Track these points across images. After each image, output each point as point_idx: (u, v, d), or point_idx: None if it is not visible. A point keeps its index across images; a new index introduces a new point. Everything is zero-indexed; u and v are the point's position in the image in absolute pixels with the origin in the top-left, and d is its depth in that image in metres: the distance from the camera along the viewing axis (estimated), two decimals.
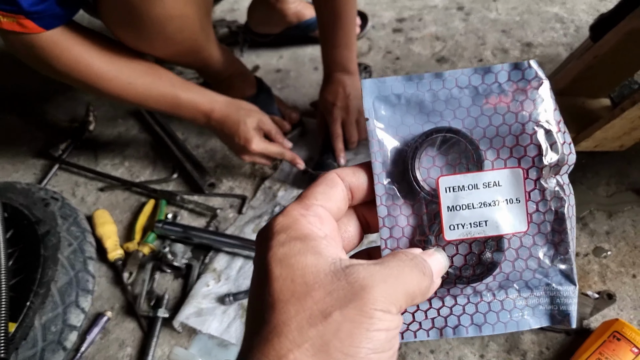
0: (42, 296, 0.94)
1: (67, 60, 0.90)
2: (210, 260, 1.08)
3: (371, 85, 0.35)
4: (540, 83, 0.34)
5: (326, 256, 0.30)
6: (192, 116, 1.06)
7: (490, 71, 0.34)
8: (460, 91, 0.35)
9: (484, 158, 0.34)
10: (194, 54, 1.09)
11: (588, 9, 1.47)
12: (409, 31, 1.53)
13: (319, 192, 0.34)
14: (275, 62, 1.52)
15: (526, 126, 0.34)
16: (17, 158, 1.39)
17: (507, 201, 0.34)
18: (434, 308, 0.35)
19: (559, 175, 0.35)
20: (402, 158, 0.35)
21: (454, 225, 0.34)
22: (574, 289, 0.35)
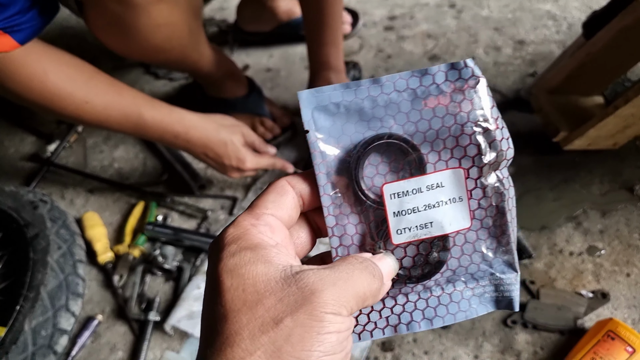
0: (32, 300, 0.93)
1: (19, 78, 0.82)
2: (201, 263, 1.07)
3: (308, 96, 0.35)
4: (477, 81, 0.34)
5: (276, 264, 0.30)
6: (159, 137, 0.97)
7: (428, 73, 0.34)
8: (399, 95, 0.35)
9: (426, 161, 0.35)
10: (184, 59, 1.07)
11: (580, 6, 1.47)
12: (400, 29, 1.52)
13: (270, 201, 0.34)
14: (266, 61, 1.51)
15: (465, 127, 0.34)
16: (5, 160, 1.37)
17: (450, 201, 0.35)
18: (387, 307, 0.36)
19: (498, 170, 0.35)
20: (345, 168, 0.35)
21: (400, 229, 0.35)
22: (515, 275, 0.36)
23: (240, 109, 1.24)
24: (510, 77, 1.32)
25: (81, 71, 0.89)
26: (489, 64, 1.37)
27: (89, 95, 0.88)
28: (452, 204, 0.35)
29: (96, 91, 0.89)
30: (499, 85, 1.30)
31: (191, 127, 0.97)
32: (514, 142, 0.36)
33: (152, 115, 0.93)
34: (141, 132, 0.95)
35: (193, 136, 0.98)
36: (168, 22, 0.91)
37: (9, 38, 0.76)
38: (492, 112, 0.34)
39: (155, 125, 0.94)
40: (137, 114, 0.92)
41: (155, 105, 0.95)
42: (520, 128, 1.19)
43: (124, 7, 0.82)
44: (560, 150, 1.03)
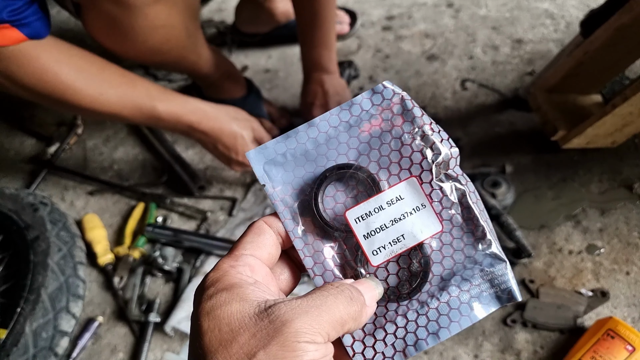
0: (33, 302, 0.93)
1: (33, 70, 0.81)
2: (201, 264, 1.07)
3: (256, 154, 0.37)
4: (400, 97, 0.37)
5: (251, 300, 0.30)
6: (173, 128, 0.98)
7: (354, 103, 0.37)
8: (335, 130, 0.37)
9: (378, 180, 0.37)
10: (182, 61, 1.07)
11: (578, 5, 1.47)
12: (398, 29, 1.52)
13: (248, 242, 0.35)
14: (264, 62, 1.51)
15: (403, 138, 0.37)
16: (5, 163, 1.37)
17: (414, 210, 0.36)
18: (390, 333, 0.36)
19: (450, 169, 0.37)
20: (307, 207, 0.37)
21: (375, 250, 0.36)
22: (505, 265, 0.36)
23: None
24: (508, 76, 1.32)
25: (92, 63, 0.89)
26: (487, 63, 1.37)
27: (102, 88, 0.88)
28: (418, 212, 0.36)
29: (109, 83, 0.89)
30: (497, 85, 1.30)
31: (204, 117, 0.98)
32: (512, 141, 0.37)
33: (166, 106, 0.94)
34: (155, 122, 0.96)
35: (206, 126, 0.99)
36: (165, 24, 0.91)
37: (17, 31, 0.76)
38: (423, 120, 0.37)
39: (169, 116, 0.95)
40: (151, 106, 0.93)
41: (169, 97, 0.96)
42: (518, 127, 1.19)
43: (120, 9, 0.83)
44: (558, 149, 1.03)
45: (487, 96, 1.29)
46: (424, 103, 1.30)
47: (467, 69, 1.36)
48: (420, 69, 1.39)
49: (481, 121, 1.23)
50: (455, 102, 1.29)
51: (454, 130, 1.22)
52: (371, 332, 0.36)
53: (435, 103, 1.30)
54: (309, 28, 1.11)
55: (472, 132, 1.21)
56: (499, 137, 1.18)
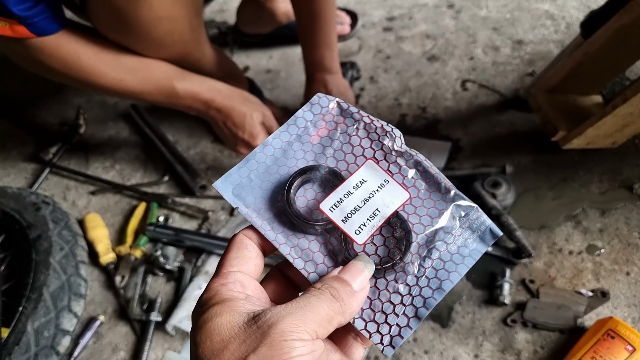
0: (35, 301, 0.93)
1: (56, 59, 0.90)
2: (202, 263, 1.07)
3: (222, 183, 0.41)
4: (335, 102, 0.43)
5: (242, 311, 0.32)
6: (189, 105, 1.04)
7: (297, 117, 0.42)
8: (288, 144, 0.42)
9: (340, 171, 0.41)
10: (185, 56, 1.07)
11: (579, 6, 1.47)
12: (399, 30, 1.53)
13: (233, 258, 0.37)
14: (266, 63, 1.52)
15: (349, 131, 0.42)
16: (8, 162, 1.38)
17: (380, 187, 0.40)
18: (398, 304, 0.37)
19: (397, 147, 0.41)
20: (282, 213, 0.40)
21: (357, 229, 0.38)
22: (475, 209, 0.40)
23: None
24: (508, 76, 1.33)
25: (109, 51, 0.95)
26: (487, 64, 1.37)
27: (121, 73, 0.96)
28: (384, 188, 0.39)
29: (127, 69, 0.96)
30: (498, 85, 1.31)
31: (219, 95, 1.04)
32: (513, 141, 0.39)
33: (184, 85, 1.01)
34: (174, 101, 1.02)
35: (219, 103, 1.04)
36: (169, 16, 0.92)
37: (24, 29, 0.83)
38: (361, 114, 0.42)
39: (187, 94, 1.01)
40: (170, 86, 1.00)
41: (186, 76, 1.02)
42: (519, 127, 1.20)
43: (125, 0, 0.84)
44: (559, 150, 1.04)
45: (488, 97, 1.29)
46: (425, 103, 1.31)
47: (467, 70, 1.37)
48: (421, 69, 1.40)
49: (482, 121, 1.23)
50: (456, 103, 1.29)
51: (455, 130, 1.22)
52: (380, 309, 0.37)
53: (435, 103, 1.30)
54: (310, 29, 1.12)
55: (473, 132, 1.21)
56: (499, 137, 1.19)
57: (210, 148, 1.30)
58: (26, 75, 0.95)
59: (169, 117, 1.38)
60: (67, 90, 1.51)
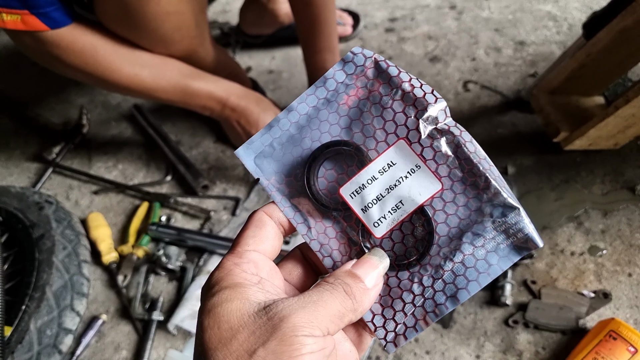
0: (38, 300, 0.94)
1: (72, 52, 0.90)
2: (204, 263, 1.07)
3: (244, 150, 0.37)
4: (372, 61, 0.36)
5: (252, 300, 0.31)
6: (204, 104, 1.04)
7: (327, 78, 0.36)
8: (315, 109, 0.37)
9: (367, 150, 0.35)
10: (191, 54, 1.08)
11: (581, 7, 1.47)
12: (401, 31, 1.53)
13: (250, 237, 0.35)
14: (268, 63, 1.52)
15: (382, 102, 0.35)
16: (11, 162, 1.38)
17: (409, 173, 0.35)
18: (408, 303, 0.35)
19: (440, 123, 0.35)
20: (302, 193, 0.36)
21: (376, 222, 0.35)
22: (517, 211, 0.34)
23: None
24: (511, 77, 1.33)
25: (124, 46, 0.96)
26: (489, 65, 1.37)
27: (136, 68, 0.96)
28: (413, 175, 0.35)
29: (142, 64, 0.97)
30: (500, 86, 1.31)
31: (234, 94, 1.05)
32: (515, 142, 0.37)
33: (199, 84, 1.02)
34: (187, 99, 1.03)
35: (234, 102, 1.05)
36: (177, 11, 0.92)
37: (37, 20, 0.83)
38: (401, 77, 0.35)
39: (202, 92, 1.02)
40: (184, 84, 1.00)
41: (201, 76, 1.04)
42: (521, 128, 1.20)
43: None
44: (561, 151, 1.04)
45: (490, 98, 1.29)
46: None
47: (469, 71, 1.37)
48: (422, 70, 1.40)
49: (483, 122, 1.23)
50: (458, 104, 1.29)
51: None
52: (389, 304, 0.35)
53: None
54: (310, 34, 1.12)
55: (475, 133, 1.21)
56: (501, 138, 1.19)
57: (212, 148, 1.31)
58: (29, 74, 0.95)
59: (171, 117, 1.39)
60: (70, 90, 1.52)
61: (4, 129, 1.47)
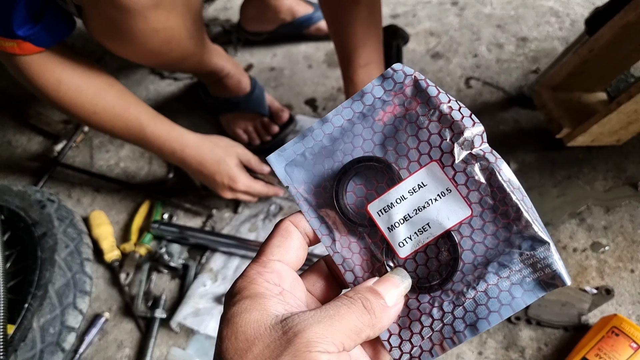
0: (40, 298, 0.94)
1: (38, 83, 0.91)
2: (206, 261, 1.07)
3: (276, 157, 0.37)
4: (412, 79, 0.36)
5: (271, 312, 0.31)
6: (158, 151, 1.04)
7: (365, 92, 0.36)
8: (349, 123, 0.36)
9: (398, 169, 0.35)
10: (184, 61, 1.07)
11: (583, 3, 1.46)
12: (403, 27, 1.52)
13: (275, 246, 0.35)
14: (269, 61, 1.52)
15: (418, 122, 0.35)
16: (13, 160, 1.39)
17: (439, 196, 0.34)
18: (426, 326, 0.35)
19: (476, 148, 0.35)
20: (330, 205, 0.36)
21: (401, 242, 0.35)
22: (547, 246, 0.33)
23: (243, 108, 1.25)
24: (513, 74, 1.32)
25: (92, 84, 0.96)
26: (491, 61, 1.37)
27: (97, 107, 0.96)
28: (443, 198, 0.34)
29: (104, 104, 0.97)
30: (502, 82, 1.30)
31: (187, 146, 1.03)
32: (517, 138, 0.37)
33: (152, 131, 1.00)
34: (141, 144, 1.03)
35: (188, 154, 1.04)
36: (165, 27, 0.90)
37: (30, 45, 0.84)
38: (440, 98, 0.35)
39: (154, 140, 1.01)
40: (139, 128, 1.00)
41: (158, 123, 1.02)
42: (523, 125, 1.19)
43: (120, 13, 0.82)
44: (563, 147, 1.03)
45: (492, 94, 1.29)
46: None
47: (471, 67, 1.36)
48: (424, 67, 1.39)
49: (486, 119, 1.23)
50: (460, 100, 1.29)
51: None
52: (407, 325, 0.35)
53: None
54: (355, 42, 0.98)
55: None
56: (503, 134, 1.19)
57: None
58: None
59: (173, 116, 1.38)
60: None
61: (6, 128, 1.47)
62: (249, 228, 1.11)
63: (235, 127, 1.27)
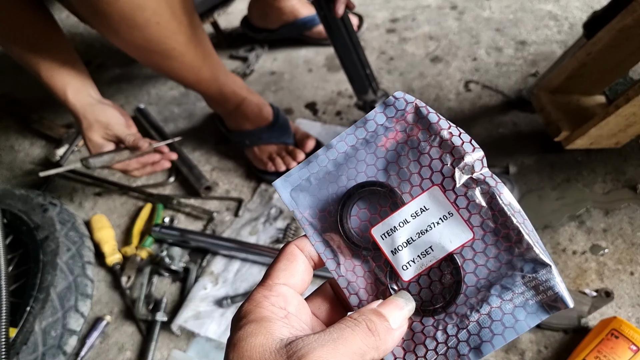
0: (42, 301, 0.94)
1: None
2: (207, 264, 1.08)
3: (282, 182, 0.38)
4: (413, 106, 0.37)
5: (276, 336, 0.31)
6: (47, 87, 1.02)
7: (368, 119, 0.37)
8: (353, 149, 0.38)
9: (400, 193, 0.36)
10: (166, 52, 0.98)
11: (582, 6, 1.47)
12: (402, 31, 1.53)
13: (281, 270, 0.36)
14: (270, 65, 1.53)
15: (420, 148, 0.36)
16: (15, 164, 1.39)
17: (441, 219, 0.35)
18: (431, 350, 0.35)
19: (476, 172, 0.35)
20: (334, 229, 0.37)
21: (405, 265, 0.35)
22: (549, 269, 0.34)
23: (266, 139, 1.18)
24: (512, 77, 1.33)
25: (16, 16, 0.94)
26: (490, 65, 1.37)
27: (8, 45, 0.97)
28: (445, 222, 0.35)
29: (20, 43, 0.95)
30: (501, 86, 1.31)
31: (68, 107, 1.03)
32: (516, 141, 0.37)
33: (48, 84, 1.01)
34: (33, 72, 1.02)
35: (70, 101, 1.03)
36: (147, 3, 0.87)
37: None
38: (440, 125, 0.36)
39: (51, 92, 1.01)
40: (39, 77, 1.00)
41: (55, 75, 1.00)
42: (522, 128, 1.20)
43: None
44: (562, 150, 1.04)
45: (491, 97, 1.29)
46: (428, 104, 1.31)
47: (470, 71, 1.37)
48: (424, 70, 1.40)
49: (485, 122, 1.23)
50: (459, 104, 1.30)
51: None
52: (411, 349, 0.35)
53: (439, 104, 1.30)
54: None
55: (476, 133, 1.22)
56: (502, 138, 1.19)
57: (215, 149, 1.31)
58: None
59: (174, 119, 1.39)
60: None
61: (9, 132, 1.48)
62: (249, 231, 1.11)
63: (260, 156, 1.19)
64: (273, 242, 1.08)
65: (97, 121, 1.02)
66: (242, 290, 1.01)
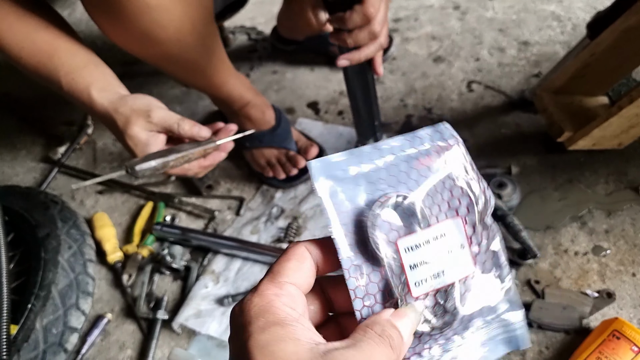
0: (43, 299, 0.94)
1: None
2: (208, 262, 1.08)
3: (318, 165, 0.37)
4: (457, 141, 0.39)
5: (304, 342, 0.30)
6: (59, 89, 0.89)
7: (417, 136, 0.39)
8: (396, 158, 0.38)
9: (429, 214, 0.37)
10: (190, 65, 0.98)
11: (585, 7, 1.47)
12: (405, 31, 1.53)
13: (291, 269, 0.35)
14: (272, 64, 1.53)
15: (456, 179, 0.38)
16: (17, 162, 1.39)
17: (455, 248, 0.37)
18: None
19: (486, 217, 0.39)
20: (360, 229, 0.36)
21: (418, 281, 0.36)
22: (520, 312, 0.38)
23: (267, 143, 1.17)
24: (514, 77, 1.33)
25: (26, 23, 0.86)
26: (493, 65, 1.37)
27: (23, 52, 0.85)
28: (457, 252, 0.37)
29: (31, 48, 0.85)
30: (504, 86, 1.31)
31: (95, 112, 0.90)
32: (518, 142, 0.38)
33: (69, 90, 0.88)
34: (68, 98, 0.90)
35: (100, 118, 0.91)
36: (159, 5, 0.82)
37: None
38: (472, 167, 0.39)
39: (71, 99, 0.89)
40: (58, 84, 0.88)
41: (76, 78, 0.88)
42: (524, 129, 1.20)
43: None
44: (564, 150, 1.03)
45: (493, 98, 1.29)
46: (430, 104, 1.31)
47: (473, 71, 1.37)
48: (426, 70, 1.40)
49: (487, 122, 1.23)
50: (462, 104, 1.30)
51: (461, 131, 1.21)
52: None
53: (441, 104, 1.30)
54: None
55: (478, 133, 1.21)
56: (505, 138, 1.19)
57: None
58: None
59: None
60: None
61: (10, 130, 1.48)
62: (250, 230, 1.11)
63: (258, 160, 1.19)
64: (274, 241, 1.08)
65: (133, 111, 0.86)
66: (243, 289, 1.01)
